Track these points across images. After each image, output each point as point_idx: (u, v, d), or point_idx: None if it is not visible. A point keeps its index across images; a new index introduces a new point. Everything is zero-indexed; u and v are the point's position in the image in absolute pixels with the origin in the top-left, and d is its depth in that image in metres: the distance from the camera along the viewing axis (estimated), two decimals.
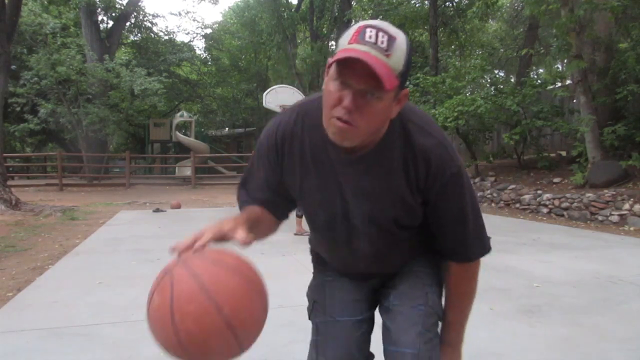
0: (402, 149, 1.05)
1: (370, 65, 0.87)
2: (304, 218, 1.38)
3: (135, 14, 22.73)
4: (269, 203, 1.17)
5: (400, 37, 0.93)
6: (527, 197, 8.67)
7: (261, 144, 1.15)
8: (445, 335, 1.23)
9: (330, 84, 0.95)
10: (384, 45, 0.90)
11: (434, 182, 1.06)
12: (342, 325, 1.23)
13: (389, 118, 1.00)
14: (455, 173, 1.06)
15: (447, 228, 1.13)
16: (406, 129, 1.05)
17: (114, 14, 21.47)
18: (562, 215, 7.79)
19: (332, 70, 0.94)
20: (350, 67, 0.90)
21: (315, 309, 1.30)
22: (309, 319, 1.34)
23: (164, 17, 41.55)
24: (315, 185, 1.12)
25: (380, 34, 0.90)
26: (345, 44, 0.92)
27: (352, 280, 1.29)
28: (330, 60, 0.95)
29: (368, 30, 0.91)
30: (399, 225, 1.14)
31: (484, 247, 1.17)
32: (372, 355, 1.28)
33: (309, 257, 1.45)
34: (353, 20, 21.71)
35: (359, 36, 0.91)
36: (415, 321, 1.14)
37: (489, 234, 1.18)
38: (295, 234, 5.88)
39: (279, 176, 1.15)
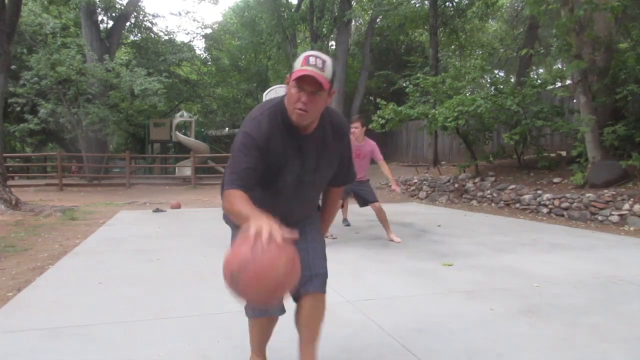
0: (330, 123, 1.80)
1: (315, 77, 1.56)
2: None
3: (135, 14, 22.68)
4: (253, 180, 1.64)
5: (328, 60, 1.61)
6: (527, 197, 8.67)
7: (250, 138, 1.65)
8: (325, 228, 2.07)
9: (292, 89, 1.61)
10: (320, 66, 1.58)
11: (343, 139, 1.86)
12: None
13: (325, 106, 1.70)
14: (349, 133, 1.91)
15: (344, 165, 1.92)
16: (330, 113, 1.80)
17: (114, 14, 21.39)
18: (562, 215, 7.79)
19: (293, 82, 1.60)
20: (304, 79, 1.57)
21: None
22: None
23: (164, 17, 41.39)
24: (287, 158, 1.72)
25: (318, 59, 1.59)
26: (299, 66, 1.59)
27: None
28: (288, 77, 1.62)
29: (311, 58, 1.59)
30: (331, 173, 1.88)
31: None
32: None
33: None
34: (353, 21, 21.76)
35: (306, 62, 1.58)
36: (323, 252, 1.90)
37: (489, 233, 1.28)
38: None
39: (263, 158, 1.65)
